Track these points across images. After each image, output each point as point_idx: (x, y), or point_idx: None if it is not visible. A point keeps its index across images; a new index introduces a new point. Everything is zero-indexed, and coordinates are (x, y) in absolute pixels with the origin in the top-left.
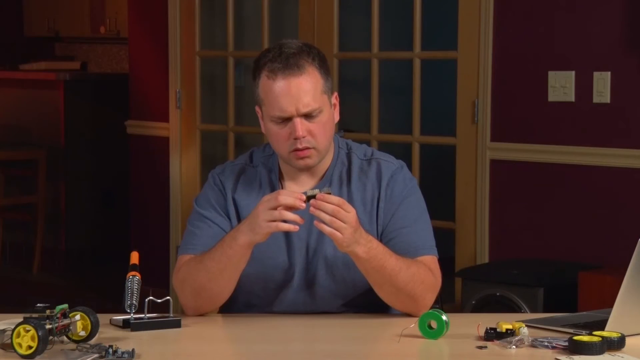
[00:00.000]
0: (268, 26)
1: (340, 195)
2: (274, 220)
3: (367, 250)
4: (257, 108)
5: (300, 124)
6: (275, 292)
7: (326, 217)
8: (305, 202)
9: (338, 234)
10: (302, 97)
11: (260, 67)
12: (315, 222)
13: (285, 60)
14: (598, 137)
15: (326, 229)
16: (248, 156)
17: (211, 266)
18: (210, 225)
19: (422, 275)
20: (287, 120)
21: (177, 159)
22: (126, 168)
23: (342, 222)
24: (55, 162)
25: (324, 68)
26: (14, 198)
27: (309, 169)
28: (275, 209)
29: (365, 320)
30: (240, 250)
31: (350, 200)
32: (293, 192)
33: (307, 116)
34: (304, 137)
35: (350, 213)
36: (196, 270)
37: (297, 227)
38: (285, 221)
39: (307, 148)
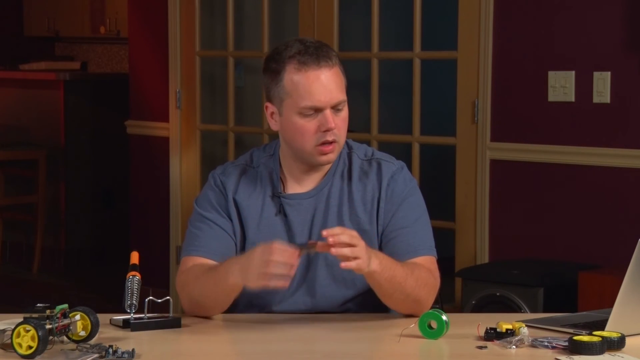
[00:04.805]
0: (268, 26)
1: (340, 195)
2: (266, 274)
3: (379, 262)
4: (268, 104)
5: (331, 116)
6: (275, 293)
7: (347, 251)
8: (299, 254)
9: (360, 260)
10: (334, 89)
11: (284, 61)
12: (342, 265)
13: (316, 52)
14: (598, 137)
15: (351, 264)
16: (248, 157)
17: (206, 288)
18: (212, 226)
19: (425, 277)
20: (316, 112)
21: (177, 159)
22: (126, 168)
23: (355, 246)
24: (55, 162)
25: (341, 66)
26: (14, 198)
27: (329, 164)
28: (269, 262)
29: (365, 320)
30: (230, 287)
31: (350, 200)
32: (287, 248)
33: (334, 110)
34: (334, 129)
35: (355, 235)
36: (194, 286)
37: (287, 284)
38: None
39: (334, 141)
